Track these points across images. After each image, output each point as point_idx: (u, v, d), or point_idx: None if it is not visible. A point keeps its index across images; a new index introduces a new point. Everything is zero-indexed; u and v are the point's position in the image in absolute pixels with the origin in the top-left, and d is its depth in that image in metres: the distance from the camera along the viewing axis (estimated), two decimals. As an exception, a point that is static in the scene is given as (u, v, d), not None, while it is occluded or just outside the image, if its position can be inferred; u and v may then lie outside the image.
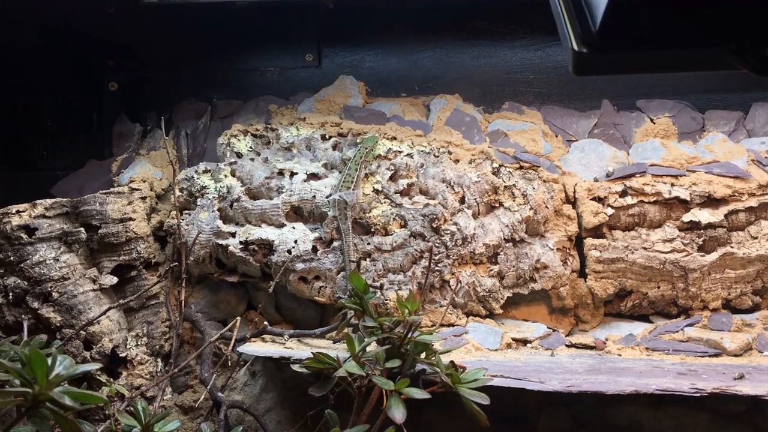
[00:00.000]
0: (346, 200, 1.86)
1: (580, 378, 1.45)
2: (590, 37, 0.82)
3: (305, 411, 1.58)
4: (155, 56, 2.33)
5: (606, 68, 0.85)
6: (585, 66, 0.83)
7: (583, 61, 0.83)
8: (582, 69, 0.83)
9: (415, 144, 2.04)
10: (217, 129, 2.22)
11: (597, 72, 0.86)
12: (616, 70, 0.85)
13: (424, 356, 1.40)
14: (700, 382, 1.42)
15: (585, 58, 0.83)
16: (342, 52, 2.32)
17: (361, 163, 1.92)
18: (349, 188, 1.88)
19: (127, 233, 1.94)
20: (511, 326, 1.93)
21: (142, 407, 1.40)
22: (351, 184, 1.89)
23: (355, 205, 1.88)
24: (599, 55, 0.83)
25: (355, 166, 1.91)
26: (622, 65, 0.85)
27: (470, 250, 1.91)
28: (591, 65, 0.83)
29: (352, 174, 1.90)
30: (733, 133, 2.17)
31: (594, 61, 0.83)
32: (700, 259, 1.89)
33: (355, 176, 1.90)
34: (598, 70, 0.86)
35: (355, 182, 1.89)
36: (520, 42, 2.28)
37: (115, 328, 1.88)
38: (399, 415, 1.24)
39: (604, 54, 0.83)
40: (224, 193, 1.98)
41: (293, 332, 1.82)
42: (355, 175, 1.90)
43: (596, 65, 0.84)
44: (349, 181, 1.89)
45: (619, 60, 0.83)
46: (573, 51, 0.83)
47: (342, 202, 1.86)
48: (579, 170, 2.07)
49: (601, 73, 0.92)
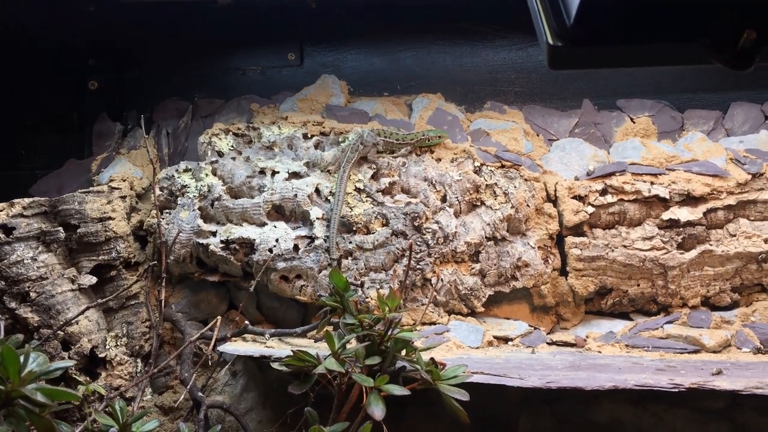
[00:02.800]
0: (370, 140, 1.92)
1: (560, 374, 1.46)
2: (565, 31, 0.83)
3: (287, 410, 1.58)
4: (136, 55, 2.32)
5: (581, 62, 0.85)
6: (560, 60, 0.83)
7: (557, 55, 0.83)
8: (557, 63, 0.84)
9: (397, 143, 2.04)
10: (198, 128, 2.21)
11: (572, 66, 0.86)
12: (590, 64, 0.86)
13: (405, 353, 1.40)
14: (678, 378, 1.43)
15: (560, 52, 0.83)
16: (324, 52, 2.32)
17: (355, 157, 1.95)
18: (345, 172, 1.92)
19: (107, 233, 1.92)
20: (493, 324, 1.94)
21: (119, 407, 1.38)
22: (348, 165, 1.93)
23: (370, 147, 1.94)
24: (574, 49, 0.83)
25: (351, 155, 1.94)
26: (596, 59, 0.85)
27: (452, 248, 1.92)
28: (566, 59, 0.84)
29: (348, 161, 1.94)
30: (712, 132, 2.19)
31: (569, 55, 0.83)
32: (679, 257, 1.91)
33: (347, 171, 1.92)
34: (573, 64, 0.86)
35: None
36: (502, 42, 2.29)
37: (94, 328, 1.87)
38: (378, 412, 1.23)
39: (578, 48, 0.83)
40: (205, 192, 1.96)
41: (274, 331, 1.81)
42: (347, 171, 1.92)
43: (571, 59, 0.84)
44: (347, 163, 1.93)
45: (593, 54, 0.84)
46: (548, 45, 0.83)
47: (364, 137, 1.92)
48: (560, 169, 2.08)
49: (576, 67, 0.92)
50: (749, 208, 1.97)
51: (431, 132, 2.03)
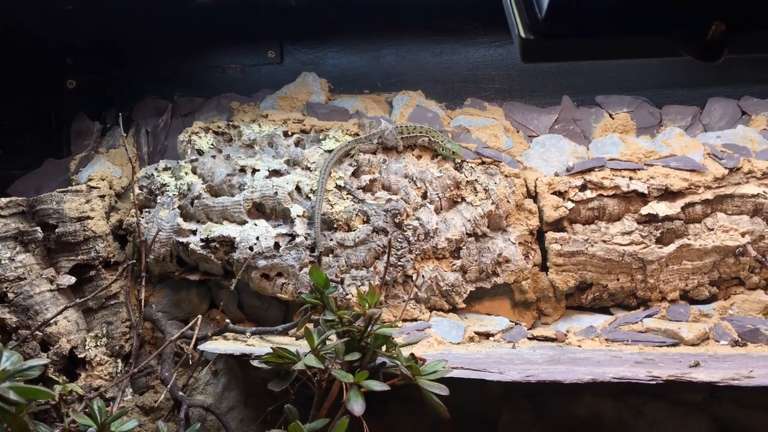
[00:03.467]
0: (391, 139, 1.96)
1: (539, 368, 1.47)
2: (537, 25, 0.83)
3: (268, 408, 1.57)
4: (115, 54, 2.30)
5: (553, 55, 0.86)
6: (532, 53, 0.84)
7: (530, 48, 0.83)
8: (529, 56, 0.84)
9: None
10: (178, 127, 2.20)
11: (544, 59, 0.87)
12: (562, 57, 0.86)
13: (385, 349, 1.40)
14: (657, 370, 1.44)
15: (532, 45, 0.83)
16: (304, 49, 2.32)
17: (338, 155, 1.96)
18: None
19: (85, 232, 1.90)
20: (474, 320, 1.94)
21: (98, 406, 1.37)
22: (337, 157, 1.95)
23: (388, 136, 1.97)
24: (546, 41, 0.83)
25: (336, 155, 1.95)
26: (568, 52, 0.85)
27: (433, 244, 1.92)
28: (538, 52, 0.84)
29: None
30: (690, 128, 2.21)
31: (541, 48, 0.84)
32: (657, 251, 1.92)
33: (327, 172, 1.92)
34: (545, 57, 0.86)
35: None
36: (482, 39, 2.30)
37: (73, 328, 1.85)
38: (358, 408, 1.23)
39: (550, 41, 0.83)
40: (185, 191, 1.95)
41: (255, 329, 1.80)
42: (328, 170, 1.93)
43: (543, 52, 0.85)
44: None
45: (565, 47, 0.84)
46: (520, 38, 0.83)
47: (386, 135, 1.96)
48: (540, 165, 2.09)
49: (549, 60, 0.93)
50: (726, 202, 1.99)
51: (450, 144, 2.03)
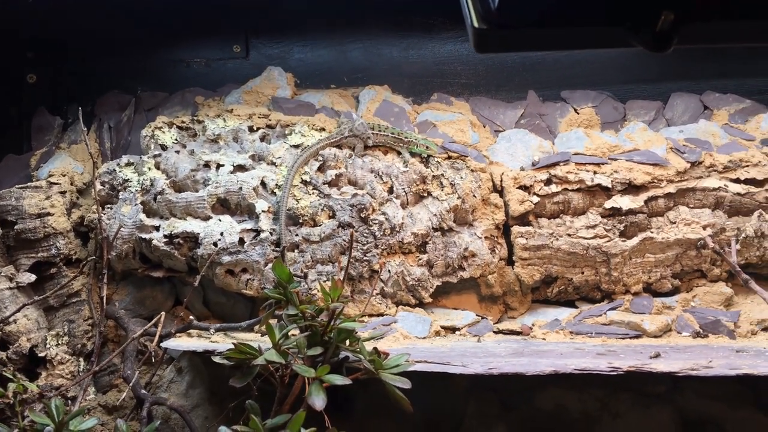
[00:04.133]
0: (362, 130, 1.96)
1: (503, 361, 1.47)
2: (490, 15, 0.83)
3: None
4: (76, 47, 2.25)
5: (506, 45, 0.86)
6: (485, 43, 0.84)
7: (483, 38, 0.83)
8: (482, 46, 0.84)
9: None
10: (141, 122, 2.17)
11: (498, 49, 0.87)
12: (516, 47, 0.86)
13: (348, 344, 1.39)
14: (618, 362, 1.46)
15: (485, 35, 0.83)
16: (270, 44, 2.30)
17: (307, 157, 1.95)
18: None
19: (45, 229, 1.87)
20: (441, 315, 1.95)
21: (56, 405, 1.35)
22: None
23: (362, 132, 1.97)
24: (499, 32, 0.83)
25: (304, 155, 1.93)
26: (521, 42, 0.86)
27: (399, 239, 1.92)
28: (491, 42, 0.84)
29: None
30: (653, 123, 2.23)
31: (494, 38, 0.84)
32: (621, 245, 1.94)
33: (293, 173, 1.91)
34: (499, 47, 0.86)
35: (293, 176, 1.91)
36: (448, 34, 2.30)
37: (33, 327, 1.82)
38: (319, 402, 1.23)
39: (503, 31, 0.83)
40: (148, 186, 1.93)
41: (219, 326, 1.78)
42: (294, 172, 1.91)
43: (497, 42, 0.85)
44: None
45: (518, 37, 0.84)
46: (473, 28, 0.83)
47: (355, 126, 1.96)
48: (506, 160, 2.10)
49: (502, 50, 0.93)
50: (688, 195, 2.01)
51: (423, 140, 2.03)
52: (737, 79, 2.30)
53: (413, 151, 2.02)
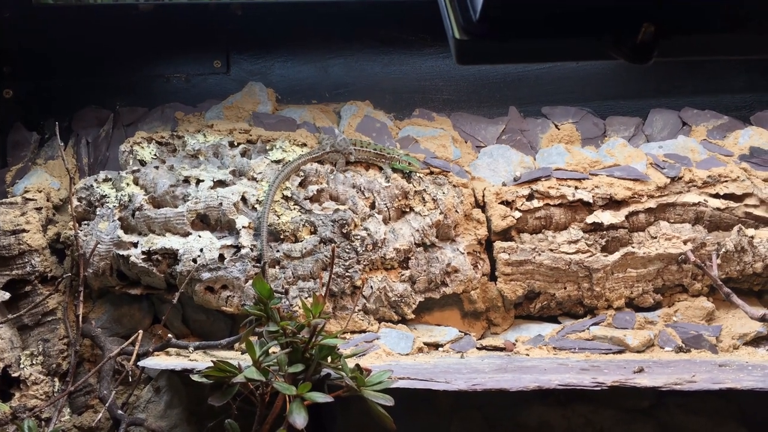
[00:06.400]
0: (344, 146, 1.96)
1: (486, 377, 1.46)
2: (471, 26, 0.83)
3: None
4: (54, 62, 2.23)
5: (487, 57, 0.86)
6: (466, 54, 0.83)
7: (464, 50, 0.83)
8: (463, 58, 0.84)
9: (325, 150, 2.02)
10: (120, 137, 2.14)
11: (479, 61, 0.87)
12: (496, 59, 0.86)
13: (330, 361, 1.37)
14: (601, 377, 1.45)
15: (466, 47, 0.83)
16: (251, 59, 2.28)
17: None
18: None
19: (20, 246, 1.83)
20: (424, 331, 1.93)
21: (29, 426, 1.32)
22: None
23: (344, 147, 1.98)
24: (480, 43, 0.83)
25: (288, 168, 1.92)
26: (502, 54, 0.85)
27: (381, 255, 1.90)
28: (472, 54, 0.84)
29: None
30: (633, 138, 2.25)
31: (475, 50, 0.84)
32: (603, 259, 1.94)
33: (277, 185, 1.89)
34: (480, 59, 0.86)
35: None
36: (430, 50, 2.30)
37: (6, 346, 1.78)
38: (300, 421, 1.20)
39: (484, 43, 0.83)
40: (126, 202, 1.90)
41: (198, 344, 1.75)
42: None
43: (477, 54, 0.84)
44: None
45: (499, 49, 0.84)
46: (454, 39, 0.83)
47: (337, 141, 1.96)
48: (488, 175, 2.10)
49: (483, 62, 0.93)
50: (669, 210, 2.03)
51: (405, 156, 2.02)
52: (715, 96, 2.33)
53: (395, 167, 2.02)
